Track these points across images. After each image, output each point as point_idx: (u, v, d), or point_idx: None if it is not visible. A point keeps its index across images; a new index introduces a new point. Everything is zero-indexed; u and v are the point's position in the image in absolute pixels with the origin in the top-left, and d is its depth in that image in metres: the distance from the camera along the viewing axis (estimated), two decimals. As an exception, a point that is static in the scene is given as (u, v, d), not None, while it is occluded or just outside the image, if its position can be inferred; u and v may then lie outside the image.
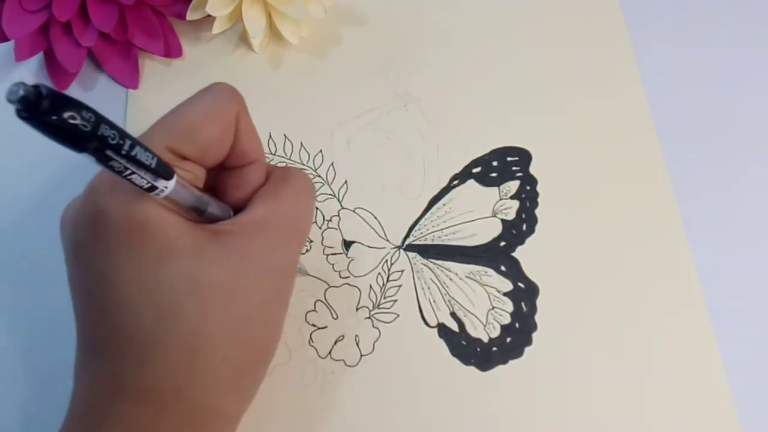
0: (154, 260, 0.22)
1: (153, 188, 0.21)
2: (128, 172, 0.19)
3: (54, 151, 0.33)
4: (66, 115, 0.16)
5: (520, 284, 0.32)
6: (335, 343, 0.31)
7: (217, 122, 0.24)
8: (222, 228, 0.24)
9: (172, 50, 0.36)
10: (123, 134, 0.18)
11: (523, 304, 0.32)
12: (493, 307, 0.32)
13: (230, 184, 0.26)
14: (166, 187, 0.21)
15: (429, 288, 0.32)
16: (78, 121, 0.16)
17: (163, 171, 0.20)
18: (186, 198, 0.23)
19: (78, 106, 0.16)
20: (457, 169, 0.34)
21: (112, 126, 0.18)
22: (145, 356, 0.22)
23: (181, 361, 0.22)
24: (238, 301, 0.23)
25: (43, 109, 0.15)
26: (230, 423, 0.25)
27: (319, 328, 0.31)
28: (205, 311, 0.23)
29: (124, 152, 0.18)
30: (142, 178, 0.20)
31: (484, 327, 0.32)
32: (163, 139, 0.23)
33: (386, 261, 0.33)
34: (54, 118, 0.16)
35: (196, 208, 0.23)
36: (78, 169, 0.33)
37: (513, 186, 0.34)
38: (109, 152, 0.18)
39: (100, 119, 0.17)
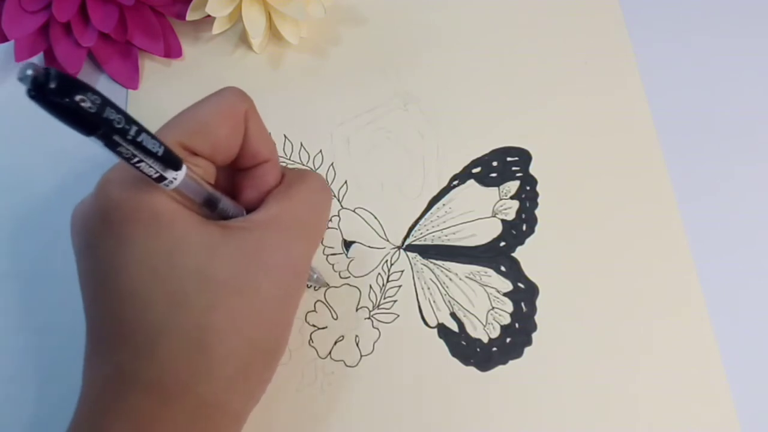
0: (165, 252, 0.22)
1: (162, 178, 0.21)
2: (136, 159, 0.19)
3: (56, 155, 0.34)
4: (73, 96, 0.17)
5: (519, 284, 0.32)
6: (335, 343, 0.31)
7: (227, 120, 0.25)
8: (234, 224, 0.24)
9: (172, 50, 0.36)
10: (129, 120, 0.19)
11: (522, 304, 0.32)
12: (493, 308, 0.32)
13: (244, 185, 0.26)
14: (175, 178, 0.21)
15: (429, 288, 0.32)
16: (86, 104, 0.17)
17: (172, 161, 0.21)
18: (197, 192, 0.23)
19: (85, 88, 0.17)
20: (457, 169, 0.34)
21: (119, 111, 0.18)
22: (152, 348, 0.22)
23: (188, 354, 0.23)
24: (247, 298, 0.23)
25: (50, 90, 0.16)
26: (235, 421, 0.25)
27: (319, 329, 0.32)
28: (213, 306, 0.23)
29: (130, 137, 0.19)
30: (150, 166, 0.20)
31: (484, 327, 0.32)
32: (175, 135, 0.24)
33: (386, 261, 0.33)
34: (60, 98, 0.16)
35: (208, 203, 0.24)
36: (83, 173, 0.34)
37: (513, 186, 0.34)
38: (116, 137, 0.18)
39: (106, 102, 0.18)
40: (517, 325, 0.32)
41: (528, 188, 0.34)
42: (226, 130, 0.25)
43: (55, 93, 0.16)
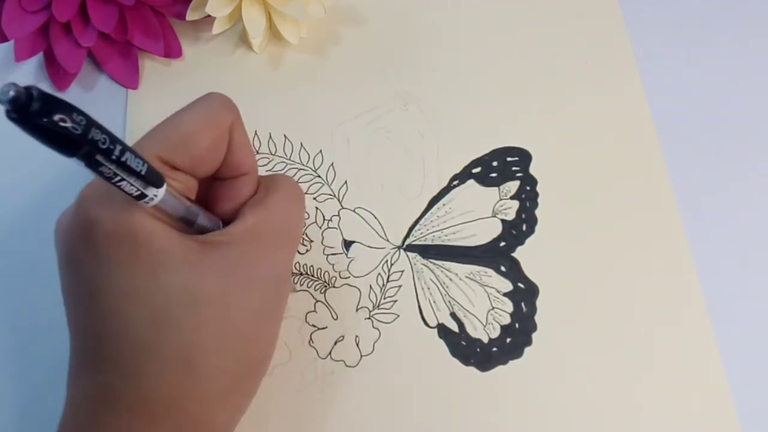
0: (147, 271, 0.22)
1: (142, 196, 0.20)
2: (118, 178, 0.19)
3: (53, 154, 0.34)
4: (56, 117, 0.15)
5: (520, 284, 0.32)
6: (335, 343, 0.31)
7: (211, 133, 0.24)
8: (214, 239, 0.24)
9: (172, 50, 0.36)
10: (114, 139, 0.18)
11: (523, 304, 0.32)
12: (493, 308, 0.32)
13: (221, 195, 0.26)
14: (155, 195, 0.21)
15: (429, 288, 0.32)
16: (68, 125, 0.16)
17: (154, 178, 0.20)
18: (176, 208, 0.23)
19: (69, 109, 0.16)
20: (457, 169, 0.34)
21: (104, 130, 0.17)
22: (138, 367, 0.22)
23: (175, 372, 0.22)
24: (232, 313, 0.23)
25: (33, 111, 0.15)
26: None
27: (319, 329, 0.32)
28: (199, 323, 0.22)
29: (114, 157, 0.18)
30: (132, 185, 0.19)
31: (484, 327, 0.32)
32: (156, 149, 0.23)
33: (386, 261, 0.33)
34: (44, 120, 0.15)
35: (185, 219, 0.23)
36: (78, 172, 0.34)
37: (513, 186, 0.34)
38: (99, 157, 0.18)
39: (91, 123, 0.17)
40: (517, 325, 0.32)
41: (528, 188, 0.34)
42: (208, 143, 0.24)
43: (39, 115, 0.15)
